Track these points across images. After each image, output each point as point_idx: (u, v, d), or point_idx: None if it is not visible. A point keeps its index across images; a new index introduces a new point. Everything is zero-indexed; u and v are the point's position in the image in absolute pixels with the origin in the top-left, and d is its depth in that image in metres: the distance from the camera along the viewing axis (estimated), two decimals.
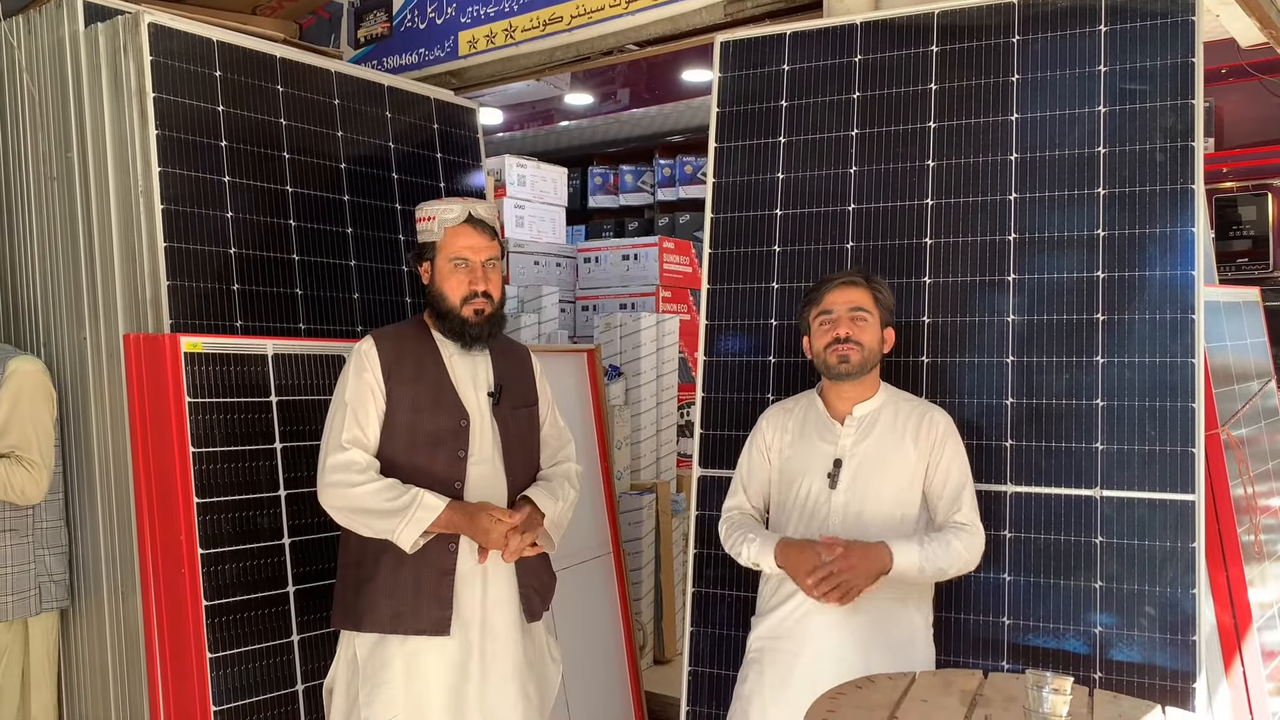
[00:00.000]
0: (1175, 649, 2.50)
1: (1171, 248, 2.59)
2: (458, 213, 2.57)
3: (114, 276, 2.92)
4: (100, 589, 3.00)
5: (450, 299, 2.55)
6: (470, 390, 2.58)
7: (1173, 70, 2.64)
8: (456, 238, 2.56)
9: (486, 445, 2.58)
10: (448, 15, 4.28)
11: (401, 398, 2.52)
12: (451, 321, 2.56)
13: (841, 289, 2.55)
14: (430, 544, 2.46)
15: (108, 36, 2.94)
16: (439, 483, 2.48)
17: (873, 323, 2.53)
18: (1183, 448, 2.53)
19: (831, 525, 2.49)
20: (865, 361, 2.51)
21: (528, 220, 5.49)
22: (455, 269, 2.55)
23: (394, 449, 2.49)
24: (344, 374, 2.55)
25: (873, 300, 2.54)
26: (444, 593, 2.46)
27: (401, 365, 2.54)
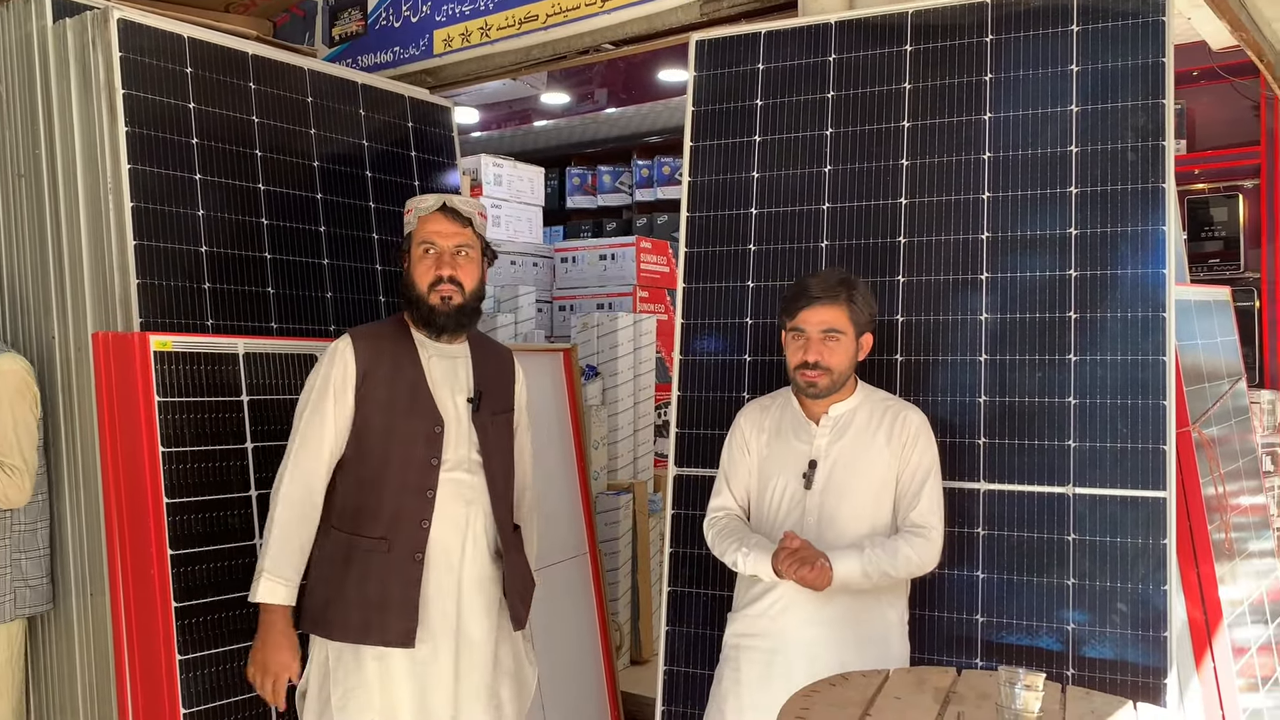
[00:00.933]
0: (1147, 645, 2.52)
1: (1143, 246, 2.61)
2: (432, 202, 2.54)
3: (83, 274, 2.89)
4: (69, 590, 2.96)
5: (418, 285, 2.51)
6: (447, 394, 2.53)
7: (1144, 70, 2.65)
8: (427, 224, 2.53)
9: (463, 452, 2.52)
10: (423, 13, 4.26)
11: (376, 399, 2.47)
12: (420, 309, 2.51)
13: (816, 308, 2.48)
14: (396, 555, 2.43)
15: (76, 32, 2.91)
16: (411, 490, 2.44)
17: (845, 341, 2.49)
18: (1154, 445, 2.55)
19: (807, 525, 2.49)
20: (834, 384, 2.50)
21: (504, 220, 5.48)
22: (424, 255, 2.51)
23: (367, 451, 2.45)
24: (315, 371, 2.50)
25: (848, 318, 2.48)
26: (410, 604, 2.41)
27: (378, 365, 2.49)
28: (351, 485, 2.47)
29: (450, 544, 2.48)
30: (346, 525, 2.46)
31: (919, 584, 2.62)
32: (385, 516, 2.44)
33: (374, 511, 2.44)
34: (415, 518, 2.44)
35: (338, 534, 2.46)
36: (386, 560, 2.42)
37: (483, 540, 2.53)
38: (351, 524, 2.45)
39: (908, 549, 2.42)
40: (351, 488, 2.47)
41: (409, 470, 2.45)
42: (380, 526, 2.44)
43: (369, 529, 2.44)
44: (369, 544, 2.43)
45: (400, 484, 2.44)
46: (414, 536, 2.44)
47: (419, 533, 2.45)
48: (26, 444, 2.85)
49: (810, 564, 2.34)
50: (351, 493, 2.46)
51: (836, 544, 2.42)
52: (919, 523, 2.46)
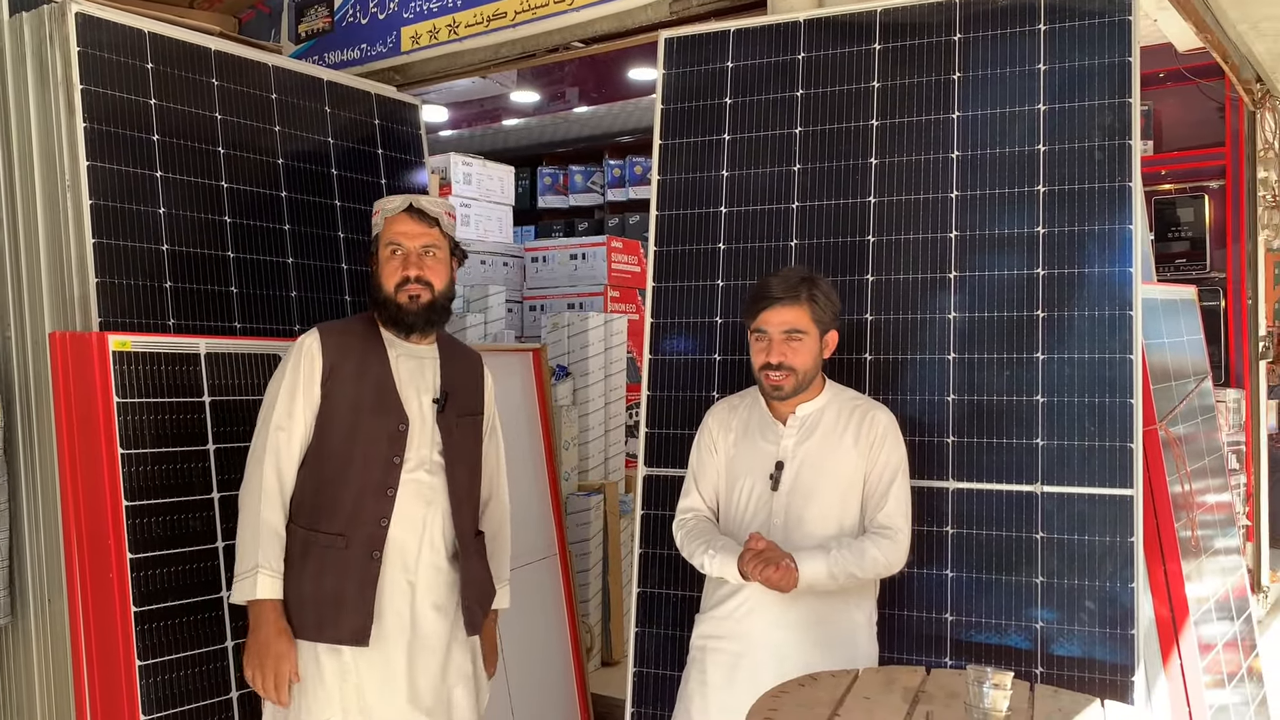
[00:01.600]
0: (1114, 643, 2.52)
1: (1110, 245, 2.62)
2: (398, 203, 2.53)
3: (40, 273, 2.83)
4: (26, 595, 2.90)
5: (386, 286, 2.50)
6: (413, 394, 2.51)
7: (1110, 69, 2.66)
8: (392, 225, 2.52)
9: (425, 453, 2.50)
10: (390, 10, 4.22)
11: (342, 395, 2.45)
12: (388, 309, 2.50)
13: (777, 308, 2.45)
14: (354, 552, 2.40)
15: (33, 27, 2.86)
16: (372, 488, 2.42)
17: (808, 340, 2.46)
18: (1121, 443, 2.56)
19: (774, 526, 2.47)
20: (800, 384, 2.48)
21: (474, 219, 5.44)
22: (391, 255, 2.51)
23: (330, 447, 2.43)
24: (283, 365, 2.48)
25: (809, 317, 2.45)
26: (365, 602, 2.39)
27: (345, 361, 2.48)
28: (312, 480, 2.44)
29: (407, 544, 2.46)
30: (304, 520, 2.43)
31: (888, 583, 2.62)
32: (344, 513, 2.42)
33: (333, 508, 2.42)
34: (374, 516, 2.42)
35: (295, 529, 2.43)
36: (343, 557, 2.40)
37: (439, 542, 2.50)
38: (309, 519, 2.43)
39: (874, 550, 2.40)
40: (312, 483, 2.44)
41: (371, 468, 2.44)
42: (339, 523, 2.41)
43: (327, 525, 2.41)
44: (326, 540, 2.40)
45: (361, 481, 2.42)
46: (372, 534, 2.42)
47: (378, 531, 2.43)
48: None
49: (775, 565, 2.33)
50: (311, 488, 2.44)
51: (804, 545, 2.41)
52: (886, 524, 2.45)
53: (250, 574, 2.36)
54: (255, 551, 2.36)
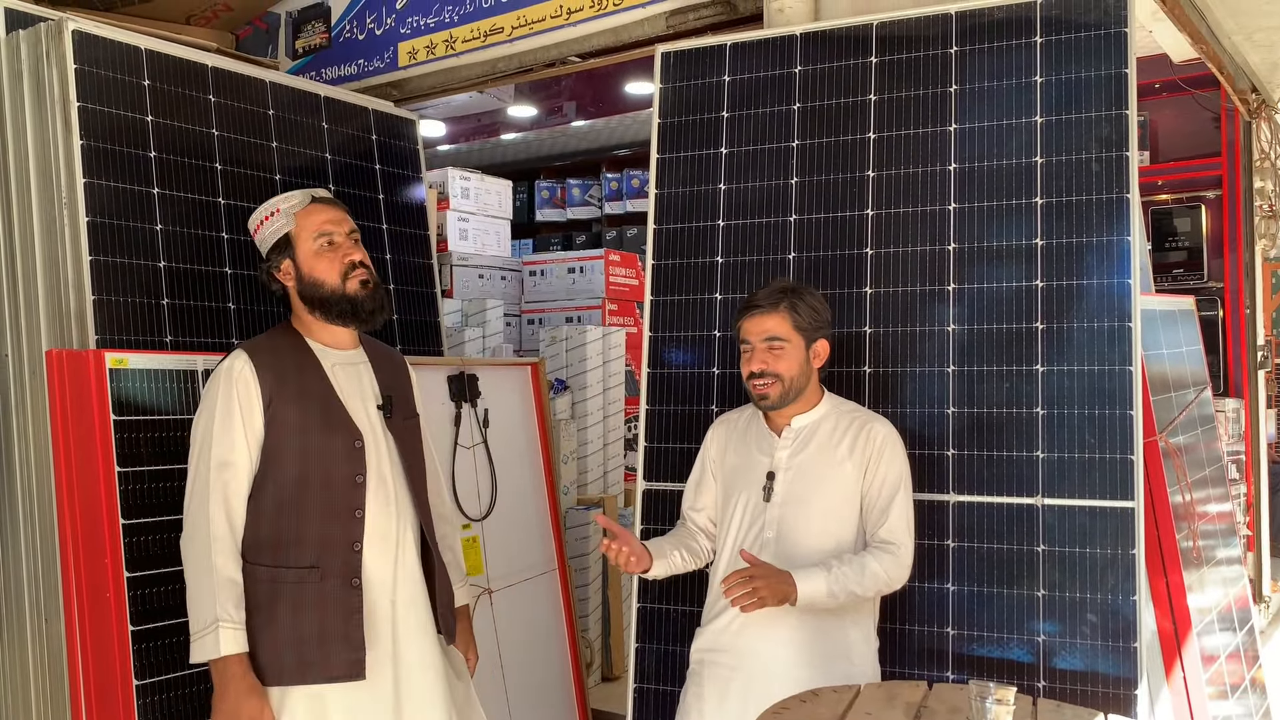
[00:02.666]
0: (1117, 656, 2.51)
1: (1108, 256, 2.62)
2: (300, 198, 2.43)
3: (37, 290, 2.82)
4: (23, 614, 2.88)
5: (328, 281, 2.37)
6: (359, 405, 2.39)
7: (1107, 81, 2.66)
8: (310, 216, 2.40)
9: (384, 466, 2.39)
10: (387, 26, 4.23)
11: (286, 420, 2.29)
12: (338, 305, 2.37)
13: (756, 317, 2.47)
14: (333, 583, 2.28)
15: (30, 44, 2.85)
16: (338, 512, 2.31)
17: (791, 348, 2.45)
18: (1122, 455, 2.55)
19: (766, 538, 2.46)
20: (787, 392, 2.47)
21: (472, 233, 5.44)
22: (321, 249, 2.38)
23: (282, 477, 2.29)
24: (210, 394, 2.30)
25: (790, 325, 2.45)
26: (353, 634, 2.27)
27: (283, 383, 2.31)
28: (268, 515, 2.29)
29: (383, 564, 2.36)
30: (266, 558, 2.28)
31: (889, 597, 2.60)
32: (312, 544, 2.29)
33: (298, 540, 2.28)
34: (346, 541, 2.31)
35: (255, 569, 2.27)
36: (320, 590, 2.27)
37: (411, 555, 2.42)
38: (273, 556, 2.28)
39: (876, 565, 2.39)
40: (268, 518, 2.29)
41: (333, 491, 2.31)
42: (308, 555, 2.28)
43: (295, 559, 2.28)
44: (297, 575, 2.27)
45: (325, 507, 2.30)
46: (347, 561, 2.30)
47: (352, 556, 2.31)
48: None
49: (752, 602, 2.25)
50: (269, 523, 2.29)
51: (796, 557, 2.40)
52: (888, 539, 2.43)
53: (209, 630, 2.19)
54: (212, 604, 2.19)
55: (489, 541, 3.51)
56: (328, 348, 2.43)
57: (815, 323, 2.49)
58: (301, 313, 2.45)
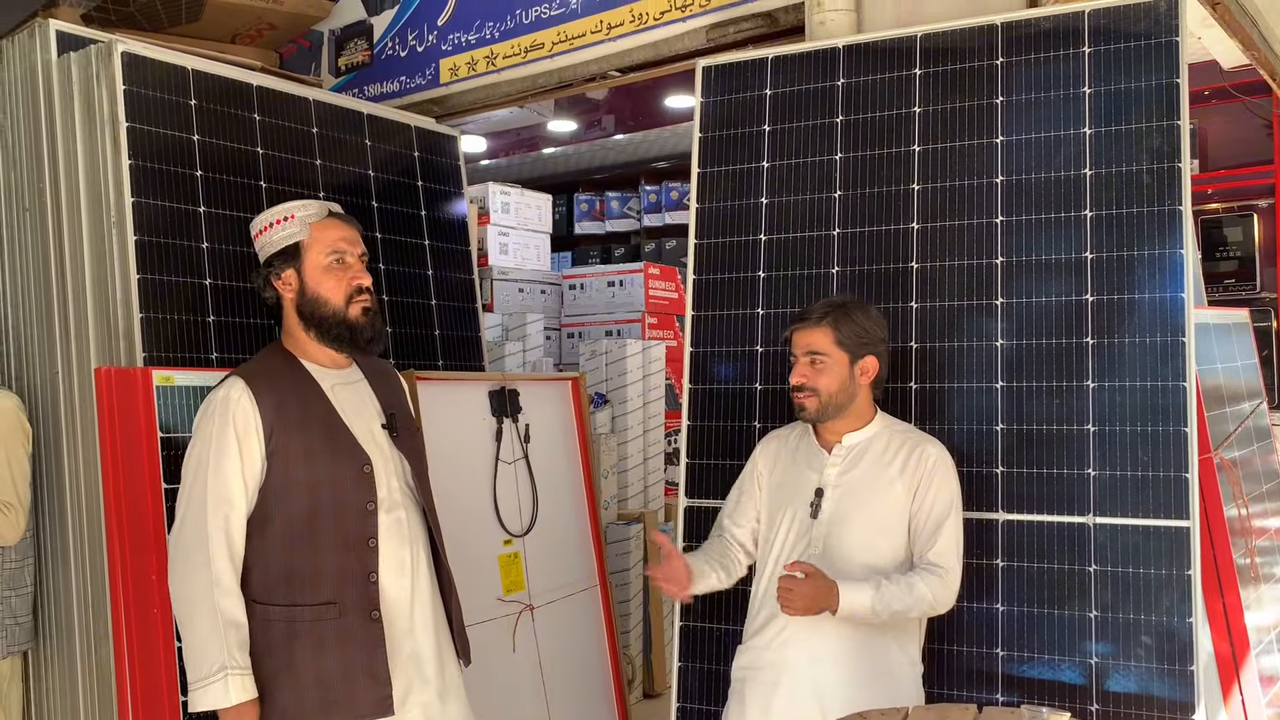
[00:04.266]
0: (1173, 679, 2.45)
1: (1160, 270, 2.56)
2: (317, 208, 2.34)
3: (86, 309, 2.86)
4: (72, 630, 2.92)
5: (332, 301, 2.27)
6: (363, 426, 2.30)
7: (1157, 91, 2.61)
8: (327, 230, 2.31)
9: (395, 489, 2.30)
10: (429, 43, 4.25)
11: (290, 451, 2.19)
12: (336, 328, 2.28)
13: (801, 331, 2.47)
14: (352, 618, 2.20)
15: (80, 65, 2.90)
16: (351, 544, 2.23)
17: (832, 363, 2.43)
18: (1176, 473, 2.49)
19: (811, 555, 2.44)
20: (825, 406, 2.44)
21: (512, 247, 5.45)
22: (331, 267, 2.29)
23: (289, 510, 2.20)
24: (205, 427, 2.19)
25: (832, 340, 2.43)
26: (378, 669, 2.19)
27: (285, 412, 2.20)
28: (275, 551, 2.20)
29: (399, 591, 2.28)
30: (278, 597, 2.19)
31: (937, 618, 2.56)
32: (327, 579, 2.19)
33: (313, 576, 2.19)
34: (362, 572, 2.22)
35: (267, 609, 2.18)
36: (340, 626, 2.18)
37: (425, 578, 2.34)
38: (286, 595, 2.19)
39: (924, 586, 2.35)
40: (276, 554, 2.20)
41: (345, 521, 2.22)
42: (324, 590, 2.19)
43: (311, 596, 2.18)
44: (313, 613, 2.17)
45: (338, 538, 2.21)
46: (364, 593, 2.22)
47: (369, 588, 2.22)
48: (20, 481, 2.83)
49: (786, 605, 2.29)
50: (277, 559, 2.20)
51: (840, 576, 2.36)
52: (936, 561, 2.40)
53: (217, 678, 2.08)
54: (219, 650, 2.09)
55: (530, 557, 3.51)
56: (324, 368, 2.33)
57: (861, 339, 2.46)
58: (294, 329, 2.34)
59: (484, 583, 3.32)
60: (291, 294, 2.33)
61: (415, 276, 3.58)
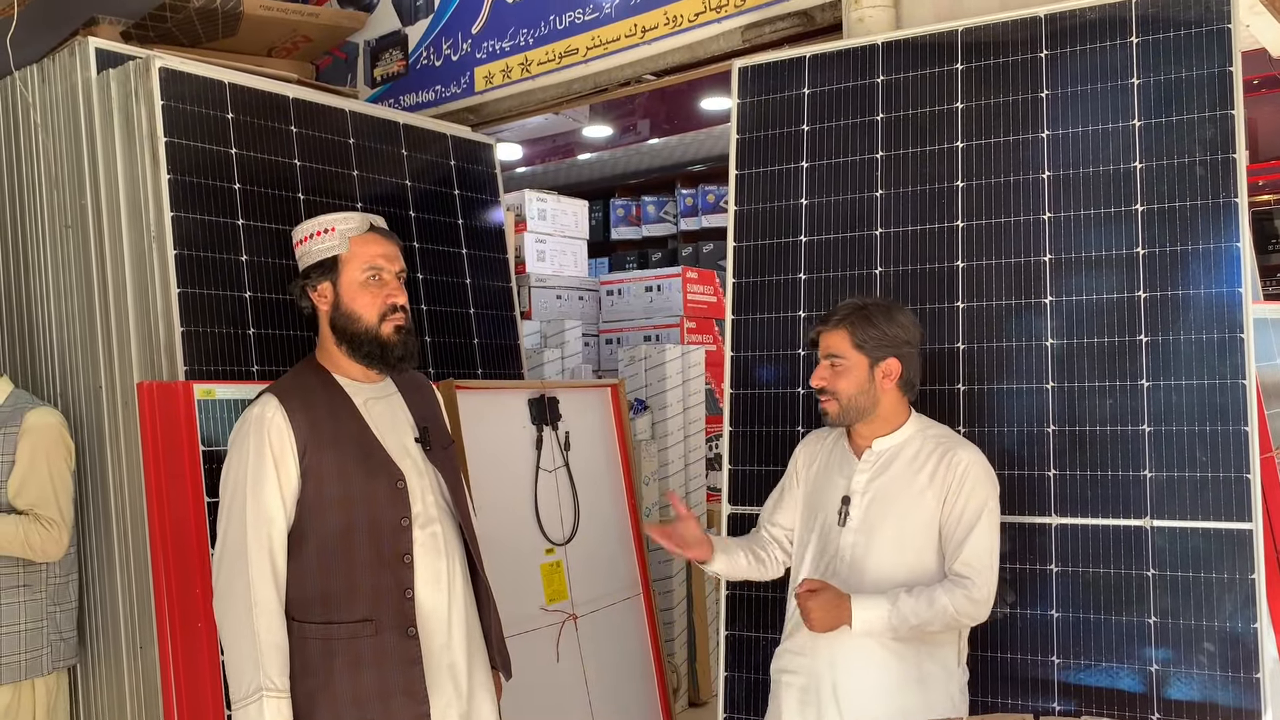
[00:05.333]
0: (1238, 687, 2.37)
1: (1216, 264, 2.49)
2: (358, 221, 2.32)
3: (128, 323, 2.88)
4: (119, 643, 2.93)
5: (365, 317, 2.25)
6: (396, 441, 2.28)
7: (1209, 80, 2.54)
8: (366, 245, 2.28)
9: (430, 504, 2.27)
10: (463, 51, 4.25)
11: (324, 468, 2.17)
12: (367, 345, 2.26)
13: (821, 333, 2.44)
14: (388, 636, 2.17)
15: (119, 82, 2.92)
16: (386, 560, 2.20)
17: (851, 365, 2.38)
18: (1236, 474, 2.41)
19: (840, 562, 2.40)
20: (845, 410, 2.40)
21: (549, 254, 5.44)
22: (367, 283, 2.27)
23: (324, 527, 2.17)
24: (241, 446, 2.17)
25: (849, 343, 2.38)
26: (415, 687, 2.16)
27: (319, 429, 2.18)
28: (311, 570, 2.17)
29: (436, 606, 2.25)
30: (315, 615, 2.16)
31: (989, 625, 2.50)
32: (363, 595, 2.17)
33: (348, 593, 2.17)
34: (398, 589, 2.19)
35: (304, 626, 2.16)
36: (376, 644, 2.16)
37: (461, 591, 2.31)
38: (321, 613, 2.16)
39: (946, 599, 2.26)
40: (311, 572, 2.17)
41: (379, 537, 2.19)
42: (360, 608, 2.16)
43: (347, 614, 2.16)
44: (350, 630, 2.15)
45: (373, 556, 2.18)
46: (401, 610, 2.20)
47: (405, 605, 2.20)
48: (63, 498, 2.84)
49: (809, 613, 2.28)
50: (313, 578, 2.17)
51: (867, 585, 2.33)
52: (962, 571, 2.31)
53: (253, 699, 2.07)
54: (255, 672, 2.07)
55: (572, 566, 3.48)
56: (357, 382, 2.31)
57: (882, 341, 2.38)
58: (328, 342, 2.33)
59: (526, 592, 3.30)
60: (326, 307, 2.32)
61: (453, 285, 3.57)
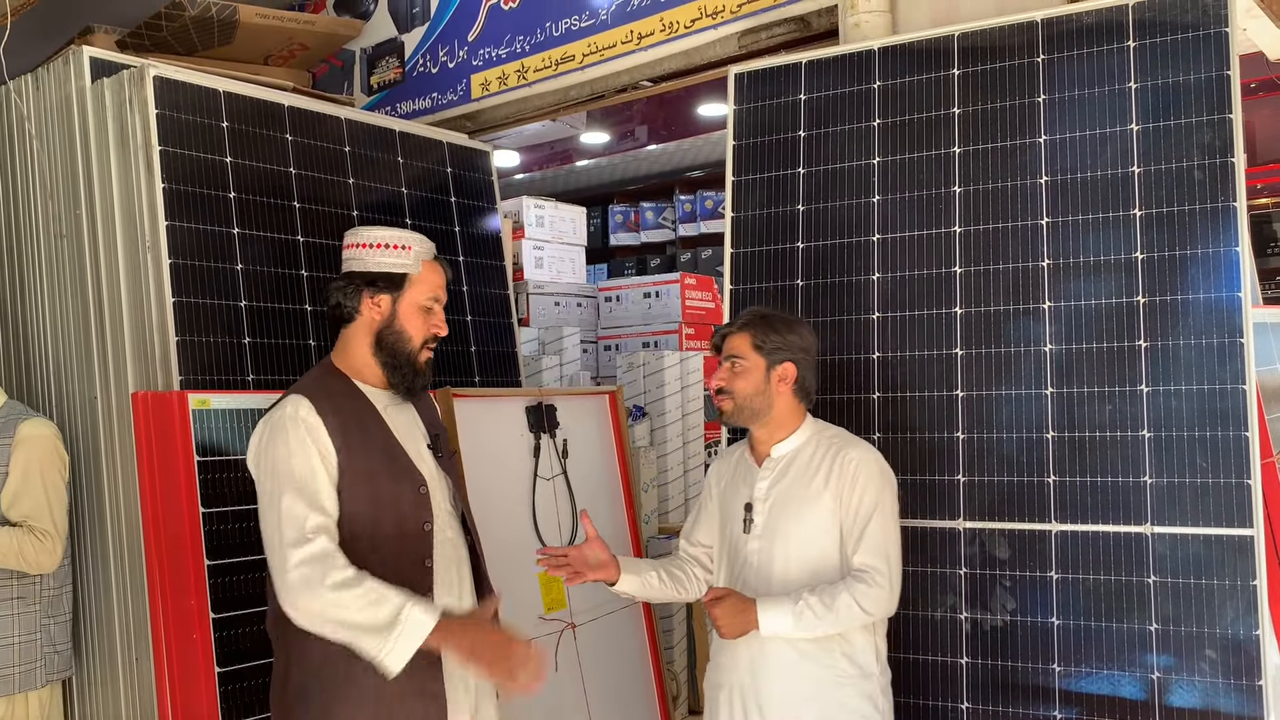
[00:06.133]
0: (1240, 694, 2.36)
1: (1215, 269, 2.47)
2: (430, 247, 2.37)
3: (123, 333, 2.87)
4: (115, 655, 2.91)
5: (414, 340, 2.31)
6: (414, 448, 2.32)
7: (1207, 84, 2.53)
8: (435, 274, 2.36)
9: (444, 509, 2.31)
10: (459, 59, 4.24)
11: (356, 469, 2.18)
12: (404, 365, 2.30)
13: (727, 338, 2.50)
14: None
15: (113, 91, 2.91)
16: (409, 564, 2.22)
17: (750, 367, 2.45)
18: (1237, 479, 2.40)
19: (749, 570, 2.45)
20: (740, 409, 2.46)
21: (547, 261, 5.43)
22: (424, 309, 2.33)
23: (356, 529, 2.18)
24: (276, 448, 2.15)
25: (749, 345, 2.45)
26: (433, 687, 2.17)
27: (349, 430, 2.20)
28: None
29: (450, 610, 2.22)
30: None
31: (989, 632, 2.49)
32: None
33: None
34: (420, 591, 2.20)
35: None
36: None
37: (469, 595, 2.35)
38: None
39: (846, 594, 2.30)
40: None
41: (404, 541, 2.23)
42: None
43: None
44: None
45: (397, 559, 2.20)
46: None
47: None
48: (58, 509, 2.82)
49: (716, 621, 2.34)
50: None
51: (774, 591, 2.38)
52: (861, 566, 2.35)
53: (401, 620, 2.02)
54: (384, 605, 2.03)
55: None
56: (375, 389, 2.34)
57: (779, 346, 2.45)
58: (358, 347, 2.33)
59: (525, 601, 3.28)
60: (379, 317, 2.32)
61: (450, 293, 3.55)
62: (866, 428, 2.79)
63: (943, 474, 2.68)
